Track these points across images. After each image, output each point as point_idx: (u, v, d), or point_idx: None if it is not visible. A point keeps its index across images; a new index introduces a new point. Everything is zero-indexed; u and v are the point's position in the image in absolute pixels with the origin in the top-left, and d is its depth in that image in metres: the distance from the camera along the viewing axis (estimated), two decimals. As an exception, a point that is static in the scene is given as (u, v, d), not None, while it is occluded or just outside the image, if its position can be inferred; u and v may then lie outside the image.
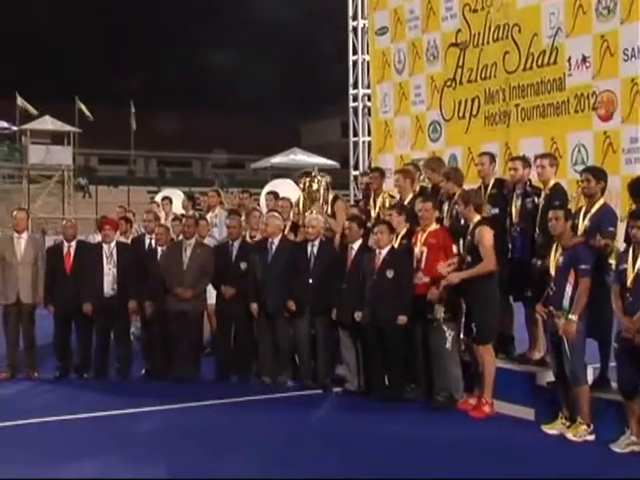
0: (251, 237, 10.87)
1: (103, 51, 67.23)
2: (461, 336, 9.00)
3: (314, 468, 7.02)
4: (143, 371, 10.75)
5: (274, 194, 11.89)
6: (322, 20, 40.47)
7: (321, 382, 9.85)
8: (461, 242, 8.88)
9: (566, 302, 7.68)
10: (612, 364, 8.09)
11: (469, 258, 8.60)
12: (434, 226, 9.08)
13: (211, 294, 10.71)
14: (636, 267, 7.31)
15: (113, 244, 10.75)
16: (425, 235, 9.04)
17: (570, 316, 7.62)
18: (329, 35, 30.69)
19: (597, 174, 8.33)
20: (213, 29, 73.66)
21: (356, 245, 9.63)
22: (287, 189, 13.01)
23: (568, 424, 7.88)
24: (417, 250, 9.06)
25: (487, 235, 8.50)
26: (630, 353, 7.27)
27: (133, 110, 51.53)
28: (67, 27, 65.71)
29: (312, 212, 10.24)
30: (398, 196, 10.25)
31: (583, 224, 8.15)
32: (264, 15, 65.19)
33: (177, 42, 68.69)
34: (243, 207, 11.98)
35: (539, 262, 8.38)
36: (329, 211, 10.52)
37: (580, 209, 8.34)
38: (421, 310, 8.97)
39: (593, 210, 8.17)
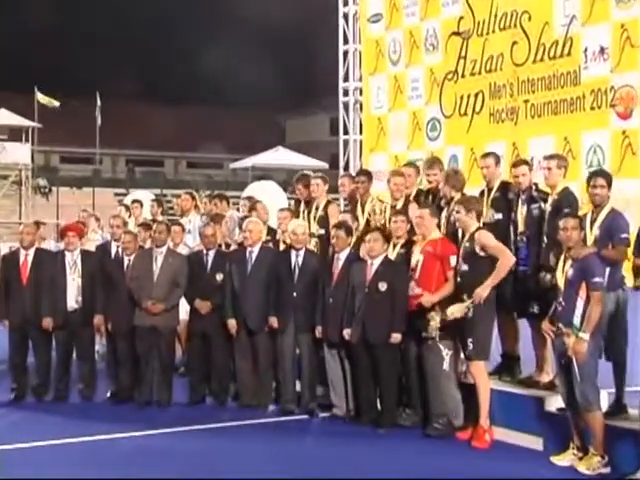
0: (227, 246, 10.95)
1: (64, 35, 67.29)
2: (461, 355, 9.06)
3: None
4: (108, 393, 10.78)
5: (249, 199, 11.97)
6: (310, 6, 40.64)
7: (306, 406, 9.91)
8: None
9: (576, 319, 7.71)
10: (630, 389, 8.14)
11: (465, 267, 8.69)
12: (435, 234, 9.15)
13: (183, 308, 10.76)
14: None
15: (77, 252, 10.79)
16: (424, 244, 9.12)
17: (581, 334, 7.64)
18: (318, 23, 30.85)
19: (609, 178, 8.41)
20: (191, 19, 73.84)
21: (343, 255, 9.71)
22: (270, 193, 13.08)
23: (580, 455, 7.87)
24: (413, 259, 9.14)
25: (489, 235, 8.62)
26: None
27: (99, 103, 51.42)
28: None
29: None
30: (389, 201, 10.32)
31: (592, 233, 8.20)
32: (246, 3, 65.36)
33: (152, 28, 68.85)
34: (219, 216, 12.00)
35: (548, 276, 8.42)
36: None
37: (584, 216, 8.35)
38: (415, 326, 9.04)
39: (601, 217, 8.23)
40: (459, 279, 8.80)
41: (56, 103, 44.50)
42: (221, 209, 12.23)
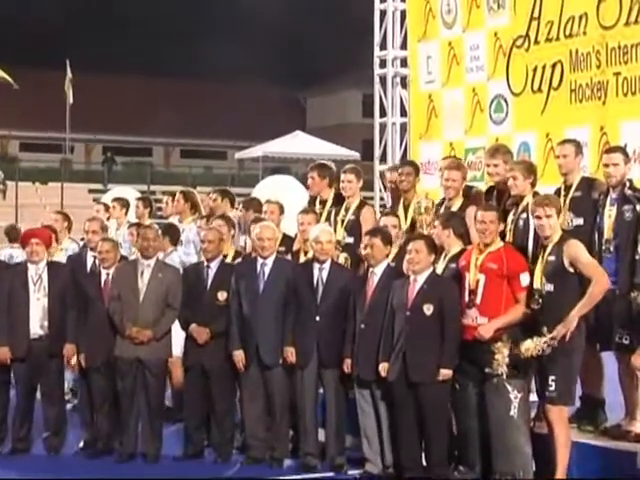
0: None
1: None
2: (532, 397, 9.12)
3: None
4: (81, 443, 10.91)
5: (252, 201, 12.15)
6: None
7: (331, 461, 10.02)
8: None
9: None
10: None
11: (550, 286, 8.73)
12: (496, 244, 9.25)
13: (177, 339, 10.87)
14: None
15: (43, 264, 10.91)
16: (483, 257, 9.21)
17: None
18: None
19: None
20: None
21: (380, 269, 9.83)
22: (289, 190, 13.19)
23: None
24: (470, 277, 9.23)
25: (581, 247, 8.73)
26: None
27: (70, 75, 51.69)
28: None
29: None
30: (442, 200, 10.45)
31: None
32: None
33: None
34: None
35: None
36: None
37: None
38: (475, 361, 9.14)
39: None
40: (538, 302, 8.85)
41: (12, 81, 44.73)
42: (221, 208, 12.31)
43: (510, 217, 9.67)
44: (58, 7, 65.97)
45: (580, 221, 9.34)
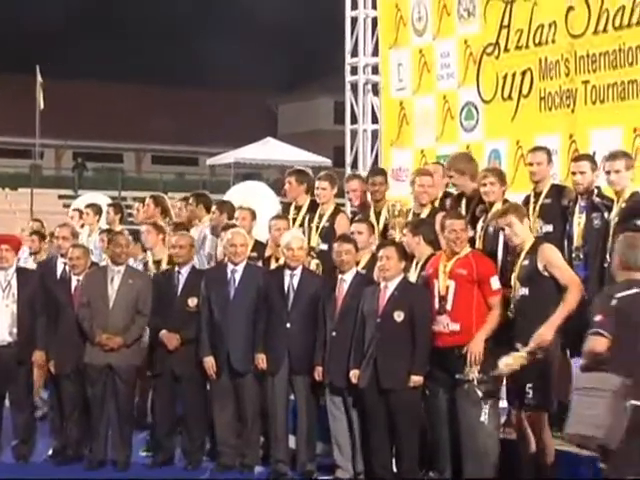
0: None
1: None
2: (502, 404, 9.15)
3: None
4: (50, 451, 10.88)
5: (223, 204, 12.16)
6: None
7: (302, 468, 10.02)
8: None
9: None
10: None
11: (524, 290, 8.77)
12: (465, 250, 9.27)
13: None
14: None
15: (12, 270, 10.89)
16: (452, 263, 9.24)
17: None
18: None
19: None
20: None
21: (349, 276, 9.85)
22: (261, 197, 13.20)
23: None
24: (439, 284, 9.26)
25: (556, 251, 8.81)
26: None
27: (40, 79, 51.52)
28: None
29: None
30: (413, 207, 10.47)
31: None
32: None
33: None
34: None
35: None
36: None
37: None
38: (445, 367, 9.16)
39: None
40: (514, 306, 8.88)
41: None
42: (195, 213, 12.31)
43: (480, 224, 9.73)
44: (31, 11, 65.89)
45: (550, 228, 9.39)
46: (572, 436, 7.15)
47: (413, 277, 9.61)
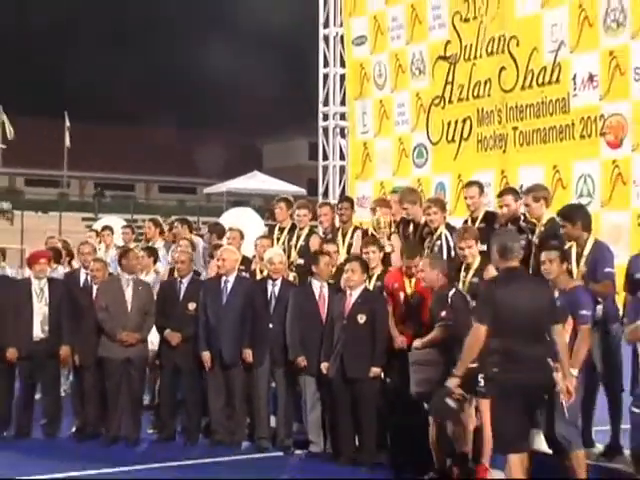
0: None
1: (33, 52, 67.37)
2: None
3: None
4: (74, 429, 10.80)
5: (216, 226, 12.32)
6: (292, 27, 40.92)
7: (281, 443, 9.99)
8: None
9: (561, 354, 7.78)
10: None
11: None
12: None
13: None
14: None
15: (44, 280, 10.81)
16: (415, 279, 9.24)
17: (571, 370, 7.60)
18: (298, 45, 31.20)
19: (570, 216, 8.57)
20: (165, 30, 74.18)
21: (325, 285, 9.87)
22: (247, 220, 13.19)
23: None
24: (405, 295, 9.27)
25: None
26: None
27: (68, 124, 51.45)
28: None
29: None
30: (372, 230, 10.48)
31: (579, 270, 8.34)
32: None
33: (119, 46, 69.12)
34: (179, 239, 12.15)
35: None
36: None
37: (570, 250, 8.48)
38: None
39: (586, 252, 8.41)
40: None
41: (9, 135, 44.36)
42: (182, 234, 12.37)
43: (426, 243, 9.78)
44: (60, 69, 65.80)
45: (484, 247, 9.40)
46: None
47: (371, 286, 9.61)
